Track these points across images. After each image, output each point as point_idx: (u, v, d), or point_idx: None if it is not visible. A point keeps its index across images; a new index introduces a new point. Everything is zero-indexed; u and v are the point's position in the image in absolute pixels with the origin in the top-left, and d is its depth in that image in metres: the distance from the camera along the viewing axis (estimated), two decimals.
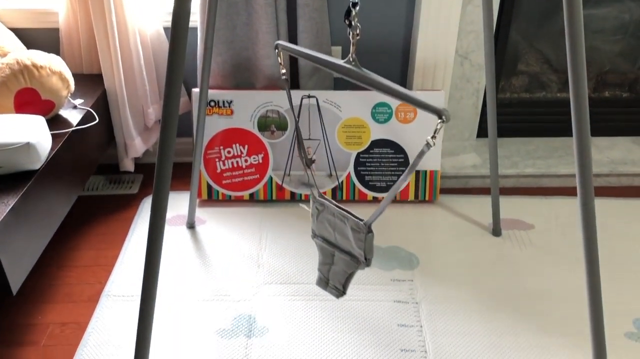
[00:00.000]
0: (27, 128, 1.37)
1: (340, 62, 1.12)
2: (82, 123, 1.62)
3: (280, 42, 1.24)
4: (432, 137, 0.98)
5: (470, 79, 2.00)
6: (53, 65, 1.54)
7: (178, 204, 1.90)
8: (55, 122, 1.60)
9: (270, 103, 1.82)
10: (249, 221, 1.83)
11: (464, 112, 2.07)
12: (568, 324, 1.46)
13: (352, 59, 1.10)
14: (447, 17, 1.82)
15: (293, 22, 1.82)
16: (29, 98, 1.51)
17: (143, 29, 1.81)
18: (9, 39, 1.74)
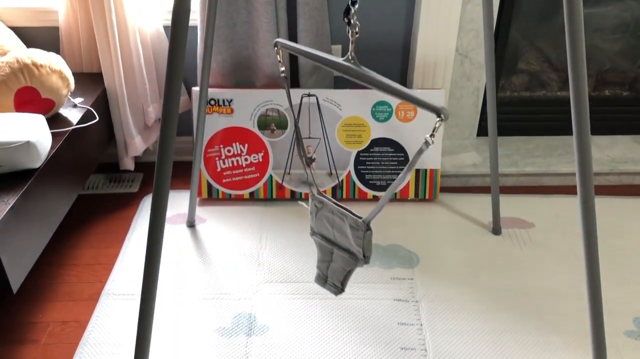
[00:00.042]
0: (27, 127, 1.37)
1: (339, 59, 1.12)
2: (82, 122, 1.62)
3: (280, 39, 1.24)
4: (430, 135, 0.98)
5: (471, 78, 2.00)
6: (53, 64, 1.54)
7: (178, 203, 1.90)
8: (55, 121, 1.60)
9: (270, 102, 1.82)
10: (249, 219, 1.84)
11: (464, 110, 2.07)
12: (568, 323, 1.47)
13: (351, 57, 1.10)
14: (447, 15, 1.82)
15: (293, 20, 1.82)
16: (29, 97, 1.51)
17: (143, 28, 1.81)
18: (9, 38, 1.74)
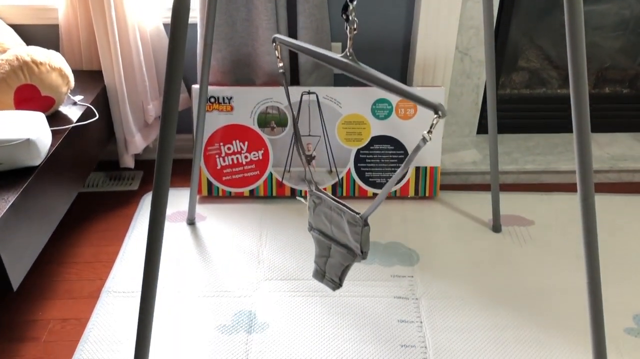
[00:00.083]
0: (27, 124, 1.37)
1: (338, 56, 1.12)
2: (82, 119, 1.62)
3: (278, 35, 1.24)
4: (428, 132, 0.98)
5: (471, 75, 2.00)
6: (53, 62, 1.54)
7: (178, 201, 1.90)
8: (55, 118, 1.59)
9: (270, 99, 1.82)
10: (249, 217, 1.84)
11: (464, 108, 2.07)
12: (568, 320, 1.47)
13: (349, 54, 1.10)
14: (447, 13, 1.82)
15: (293, 18, 1.82)
16: (29, 94, 1.51)
17: (143, 26, 1.81)
18: (9, 35, 1.74)
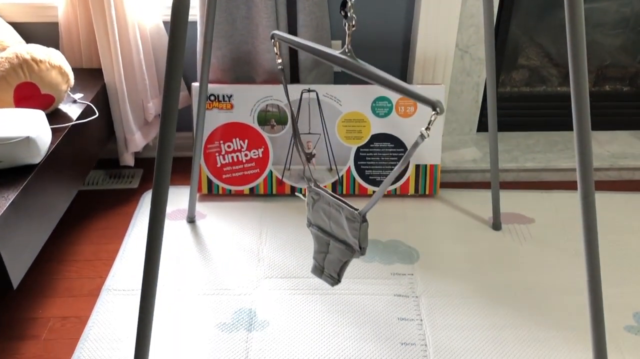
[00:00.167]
0: (27, 122, 1.37)
1: (336, 53, 1.11)
2: (81, 117, 1.62)
3: (276, 32, 1.23)
4: (426, 128, 0.98)
5: (471, 73, 2.00)
6: (52, 60, 1.54)
7: (178, 199, 1.90)
8: (55, 116, 1.59)
9: (270, 97, 1.82)
10: (249, 215, 1.84)
11: (464, 106, 2.07)
12: (568, 318, 1.47)
13: (347, 50, 1.09)
14: (447, 10, 1.82)
15: (293, 16, 1.81)
16: (29, 92, 1.51)
17: (142, 23, 1.81)
18: (8, 33, 1.73)
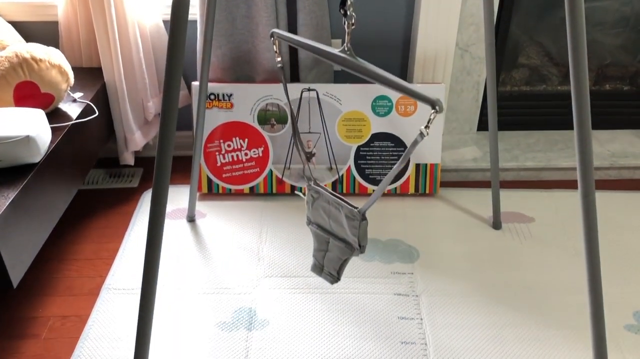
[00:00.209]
0: (26, 121, 1.37)
1: (335, 51, 1.12)
2: (81, 116, 1.62)
3: (276, 30, 1.23)
4: (425, 127, 0.98)
5: (471, 72, 2.00)
6: (52, 59, 1.54)
7: (178, 198, 1.90)
8: (55, 115, 1.59)
9: (270, 96, 1.82)
10: (249, 214, 1.84)
11: (465, 105, 2.07)
12: (568, 317, 1.47)
13: (347, 49, 1.09)
14: (447, 9, 1.82)
15: (293, 15, 1.81)
16: (29, 91, 1.51)
17: (142, 22, 1.81)
18: (8, 32, 1.73)
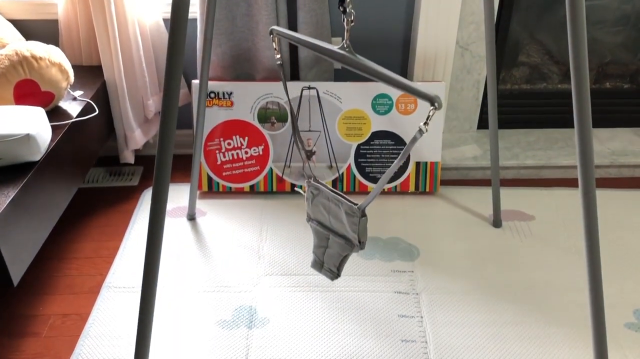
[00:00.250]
0: (26, 120, 1.37)
1: (335, 48, 1.12)
2: (81, 115, 1.62)
3: (275, 27, 1.23)
4: (424, 123, 0.98)
5: (471, 70, 2.00)
6: (52, 57, 1.54)
7: (178, 196, 1.90)
8: (55, 113, 1.59)
9: (271, 95, 1.82)
10: (250, 212, 1.84)
11: (465, 103, 2.07)
12: (569, 315, 1.47)
13: (346, 45, 1.10)
14: (447, 8, 1.82)
15: (293, 13, 1.81)
16: (29, 89, 1.51)
17: (142, 20, 1.80)
18: (8, 31, 1.73)
